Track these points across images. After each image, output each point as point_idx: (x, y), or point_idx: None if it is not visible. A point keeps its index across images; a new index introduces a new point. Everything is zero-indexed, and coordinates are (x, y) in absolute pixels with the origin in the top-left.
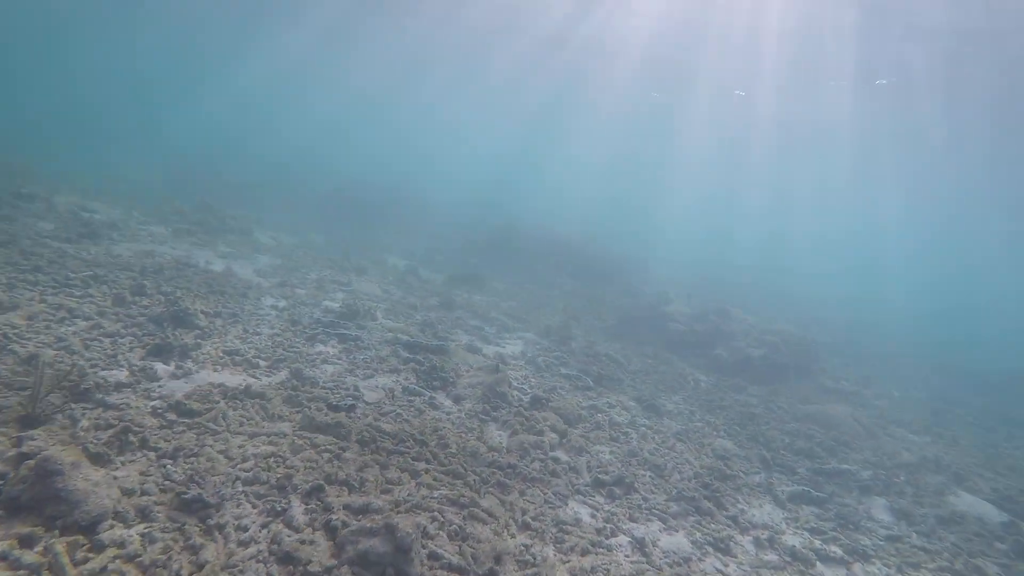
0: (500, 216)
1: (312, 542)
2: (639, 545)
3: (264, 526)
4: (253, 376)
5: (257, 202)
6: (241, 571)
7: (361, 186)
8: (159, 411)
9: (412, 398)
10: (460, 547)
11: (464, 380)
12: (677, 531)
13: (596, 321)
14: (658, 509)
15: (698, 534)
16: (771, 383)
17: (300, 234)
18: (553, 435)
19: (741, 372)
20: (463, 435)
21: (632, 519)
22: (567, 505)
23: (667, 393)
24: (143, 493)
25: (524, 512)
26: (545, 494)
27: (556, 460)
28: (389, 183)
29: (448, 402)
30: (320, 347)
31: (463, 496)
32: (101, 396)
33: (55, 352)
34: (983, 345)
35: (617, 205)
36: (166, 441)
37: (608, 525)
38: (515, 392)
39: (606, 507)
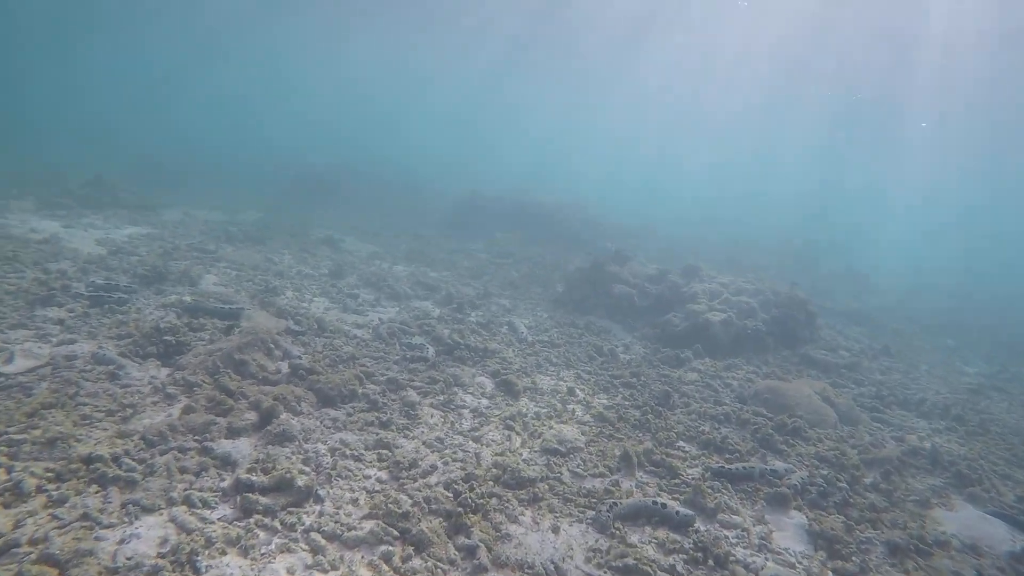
0: (471, 186)
1: None
2: None
3: None
4: None
5: (220, 183)
6: None
7: (334, 169)
8: None
9: (93, 367)
10: None
11: (205, 348)
12: (326, 571)
13: (541, 290)
14: (324, 532)
15: (363, 574)
16: (737, 353)
17: (234, 212)
18: (251, 416)
19: (696, 341)
20: (98, 417)
21: (243, 552)
22: (133, 523)
23: (557, 368)
24: None
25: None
26: (122, 498)
27: (208, 451)
28: (368, 165)
29: (152, 374)
30: (47, 311)
31: None
32: None
33: None
34: None
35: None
36: None
37: (171, 559)
38: (275, 363)
39: (209, 526)
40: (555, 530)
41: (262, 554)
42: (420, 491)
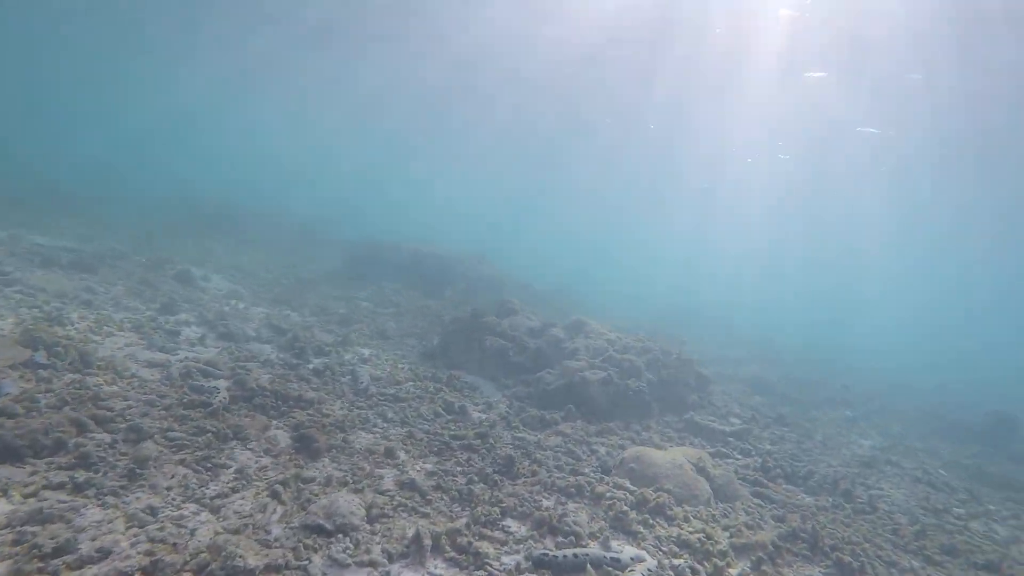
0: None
1: None
2: None
3: None
4: None
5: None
6: None
7: (231, 207)
8: None
9: None
10: None
11: None
12: None
13: (416, 343)
14: None
15: None
16: (616, 417)
17: (88, 240)
18: None
19: (570, 402)
20: None
21: None
22: None
23: (388, 425)
24: None
25: None
26: None
27: None
28: (267, 206)
29: None
30: None
31: None
32: None
33: None
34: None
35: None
36: None
37: None
38: None
39: None
40: None
41: None
42: None
